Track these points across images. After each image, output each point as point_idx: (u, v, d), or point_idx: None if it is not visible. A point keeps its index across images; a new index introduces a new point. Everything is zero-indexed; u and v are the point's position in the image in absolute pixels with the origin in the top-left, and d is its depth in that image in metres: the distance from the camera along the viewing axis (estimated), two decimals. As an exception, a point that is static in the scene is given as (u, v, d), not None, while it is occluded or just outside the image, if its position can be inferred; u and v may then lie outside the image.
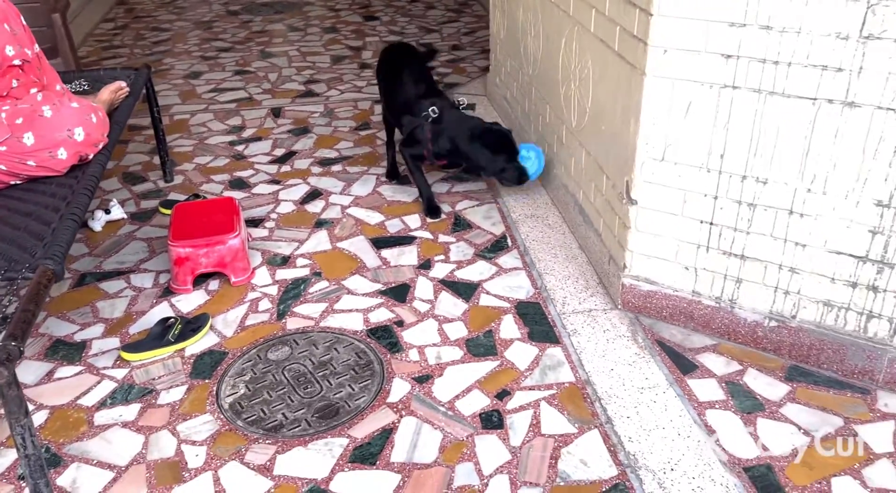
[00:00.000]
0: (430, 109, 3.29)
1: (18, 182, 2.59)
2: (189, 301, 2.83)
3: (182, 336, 2.57)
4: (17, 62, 2.65)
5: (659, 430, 2.17)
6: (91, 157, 2.69)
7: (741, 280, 2.41)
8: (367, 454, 2.13)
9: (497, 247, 3.12)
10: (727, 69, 2.16)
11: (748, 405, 2.26)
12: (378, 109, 4.61)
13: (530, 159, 3.33)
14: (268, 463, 2.11)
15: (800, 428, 2.17)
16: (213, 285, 2.91)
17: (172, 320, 2.62)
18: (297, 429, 2.22)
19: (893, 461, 2.06)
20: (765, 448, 2.10)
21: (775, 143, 2.17)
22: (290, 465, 2.10)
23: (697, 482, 2.00)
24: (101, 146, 2.72)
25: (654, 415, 2.23)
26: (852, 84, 2.00)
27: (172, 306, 2.81)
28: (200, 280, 2.91)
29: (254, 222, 3.35)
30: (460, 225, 3.28)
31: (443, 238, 3.20)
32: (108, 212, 3.37)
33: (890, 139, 2.01)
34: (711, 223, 2.39)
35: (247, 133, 4.33)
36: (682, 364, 2.43)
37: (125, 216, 3.42)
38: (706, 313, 2.53)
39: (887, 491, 1.97)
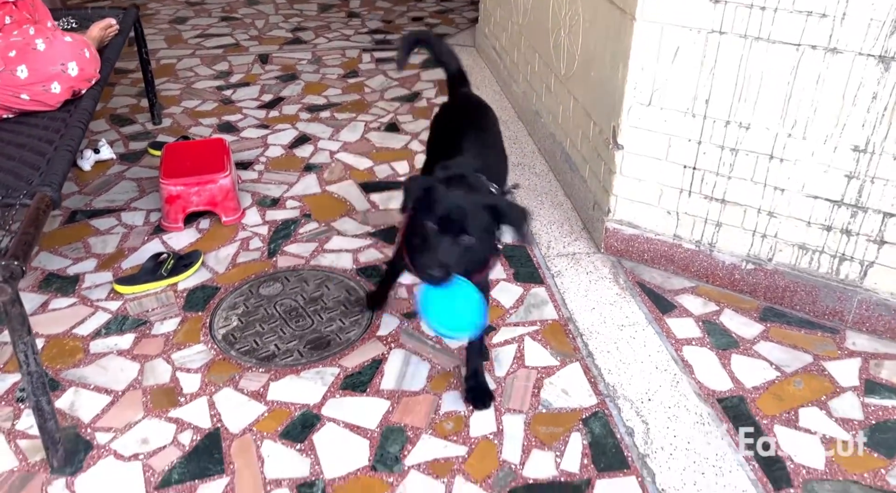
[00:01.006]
0: None
1: (10, 116, 2.60)
2: (180, 239, 2.86)
3: (174, 271, 2.61)
4: (10, -2, 2.65)
5: (637, 363, 2.27)
6: (83, 92, 2.69)
7: (721, 224, 2.49)
8: (358, 382, 2.20)
9: (484, 192, 3.17)
10: (715, 14, 2.20)
11: (723, 343, 2.36)
12: (365, 57, 4.61)
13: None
14: (261, 390, 2.18)
15: (771, 364, 2.28)
16: (204, 224, 2.95)
17: (165, 255, 2.65)
18: (289, 359, 2.29)
19: (857, 393, 2.16)
20: (737, 381, 2.21)
21: (759, 88, 2.23)
22: (283, 391, 2.17)
23: (673, 411, 2.10)
24: (93, 82, 2.73)
25: (633, 350, 2.32)
26: (835, 30, 2.05)
27: (164, 243, 2.84)
28: (191, 219, 2.94)
29: (243, 165, 3.37)
30: (448, 171, 3.31)
31: (431, 183, 3.24)
32: (97, 151, 3.38)
33: (869, 85, 2.08)
34: (694, 168, 2.45)
35: (234, 78, 4.32)
36: (661, 304, 2.52)
37: (114, 156, 3.43)
38: (686, 257, 2.61)
39: (850, 420, 2.08)
